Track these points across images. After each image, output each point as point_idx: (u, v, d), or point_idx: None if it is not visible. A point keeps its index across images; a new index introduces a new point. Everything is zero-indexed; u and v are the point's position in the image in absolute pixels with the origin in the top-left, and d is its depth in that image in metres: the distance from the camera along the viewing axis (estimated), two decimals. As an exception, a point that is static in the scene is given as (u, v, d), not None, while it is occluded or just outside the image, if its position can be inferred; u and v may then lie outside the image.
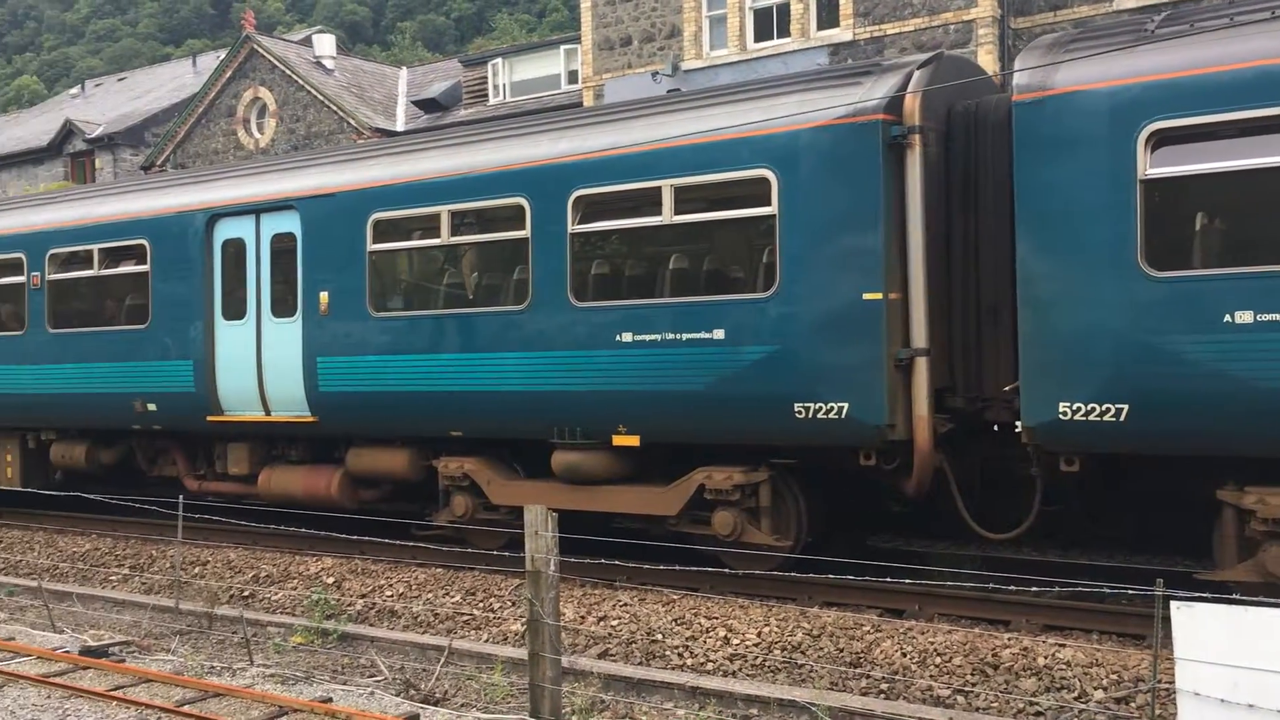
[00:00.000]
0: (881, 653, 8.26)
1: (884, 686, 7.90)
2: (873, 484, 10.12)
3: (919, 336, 9.00)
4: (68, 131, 39.55)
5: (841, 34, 21.28)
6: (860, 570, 9.71)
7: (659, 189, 9.88)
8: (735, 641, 8.82)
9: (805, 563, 9.98)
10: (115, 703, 7.92)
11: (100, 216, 14.26)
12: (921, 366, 8.97)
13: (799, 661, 8.38)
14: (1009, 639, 8.29)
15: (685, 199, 9.85)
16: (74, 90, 53.36)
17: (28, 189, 37.93)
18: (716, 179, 9.65)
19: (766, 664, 8.46)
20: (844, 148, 9.05)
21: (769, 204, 9.38)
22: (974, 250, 9.23)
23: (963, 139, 9.28)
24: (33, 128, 44.35)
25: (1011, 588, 8.81)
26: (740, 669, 8.50)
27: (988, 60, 19.23)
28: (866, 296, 8.93)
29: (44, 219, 14.97)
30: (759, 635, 8.82)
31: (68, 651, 9.37)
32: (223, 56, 36.53)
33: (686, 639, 8.99)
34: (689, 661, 8.73)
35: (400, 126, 30.60)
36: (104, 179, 36.67)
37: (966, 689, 7.70)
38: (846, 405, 9.02)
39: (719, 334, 9.61)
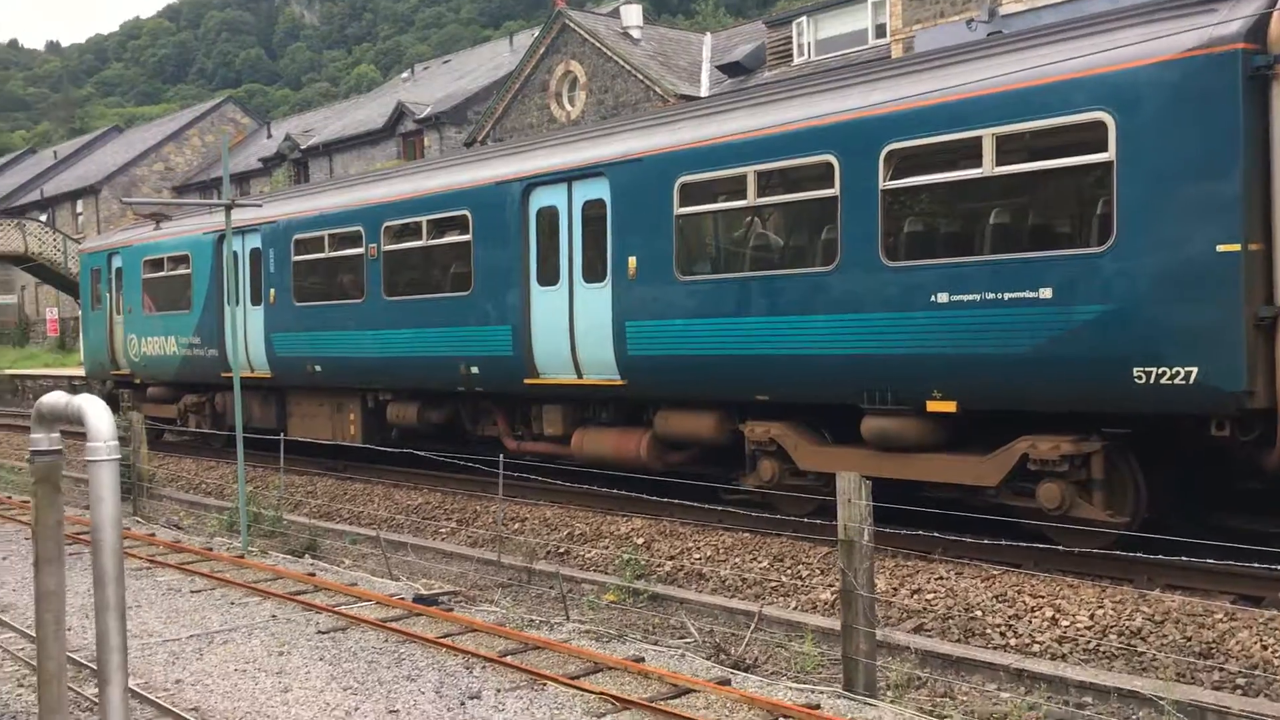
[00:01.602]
0: (1237, 644, 7.41)
1: (1241, 681, 7.09)
2: (1224, 457, 9.12)
3: (1285, 292, 7.95)
4: (400, 113, 42.46)
5: (1181, -37, 19.30)
6: (1207, 552, 8.80)
7: (979, 139, 9.24)
8: (1064, 623, 8.19)
9: (1143, 541, 9.13)
10: (445, 650, 8.33)
11: (427, 189, 15.07)
12: (1288, 326, 7.93)
13: (1138, 649, 7.67)
14: (1396, 638, 7.22)
15: (1008, 148, 9.16)
16: (405, 74, 57.31)
17: (366, 167, 41.12)
18: (1044, 125, 8.90)
19: (1101, 649, 7.80)
20: (1195, 83, 8.10)
21: (1105, 149, 8.55)
22: (1354, 193, 8.04)
23: (1342, 65, 8.07)
24: (370, 111, 47.99)
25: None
26: (1070, 653, 7.88)
27: (1362, -21, 16.85)
28: (1221, 248, 7.98)
29: (379, 194, 16.01)
30: (1091, 618, 8.15)
31: (402, 598, 9.98)
32: (537, 34, 37.99)
33: (1009, 618, 8.45)
34: (1012, 642, 8.19)
35: (704, 92, 30.71)
36: (431, 156, 39.14)
37: (1344, 692, 6.77)
38: (1196, 369, 8.12)
39: (1045, 292, 8.90)
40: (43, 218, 54.65)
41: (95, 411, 3.39)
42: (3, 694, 7.73)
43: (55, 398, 3.58)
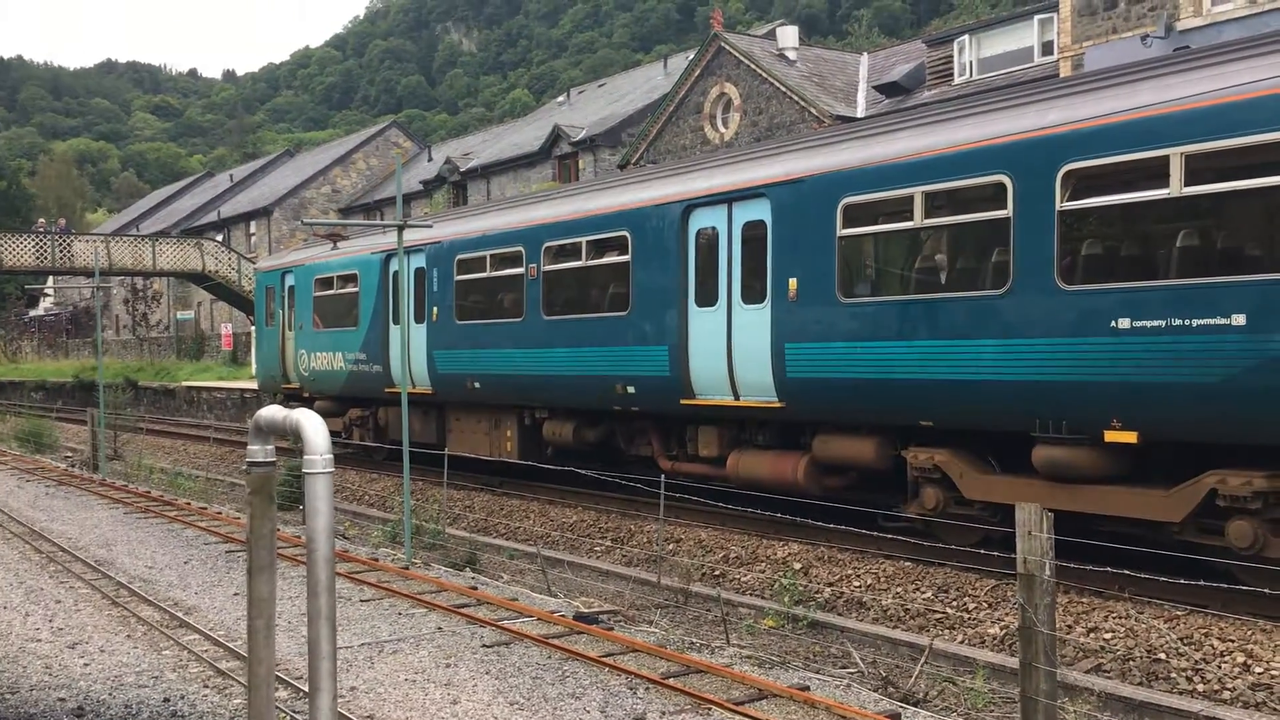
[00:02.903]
0: None
1: None
2: None
3: None
4: (556, 136, 43.27)
5: (1379, -28, 18.22)
6: None
7: (1166, 158, 8.85)
8: (1258, 670, 7.72)
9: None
10: (607, 669, 8.35)
11: (587, 211, 15.26)
12: None
13: (1343, 702, 7.16)
14: None
15: (1198, 168, 8.74)
16: (560, 98, 58.40)
17: (522, 189, 41.98)
18: (1239, 144, 8.45)
19: (1300, 700, 7.31)
20: None
21: (1307, 168, 8.07)
22: None
23: None
24: (526, 134, 49.04)
25: None
26: (1265, 701, 7.42)
27: None
28: None
29: (539, 215, 16.29)
30: (1289, 666, 7.66)
31: (563, 615, 10.06)
32: (690, 57, 38.21)
33: (1196, 661, 8.01)
34: (1200, 687, 7.76)
35: (860, 113, 30.36)
36: (585, 178, 39.73)
37: None
38: None
39: (1238, 319, 8.44)
40: (219, 238, 57.56)
41: (312, 426, 3.50)
42: (189, 694, 8.08)
43: (273, 412, 3.72)
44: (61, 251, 41.90)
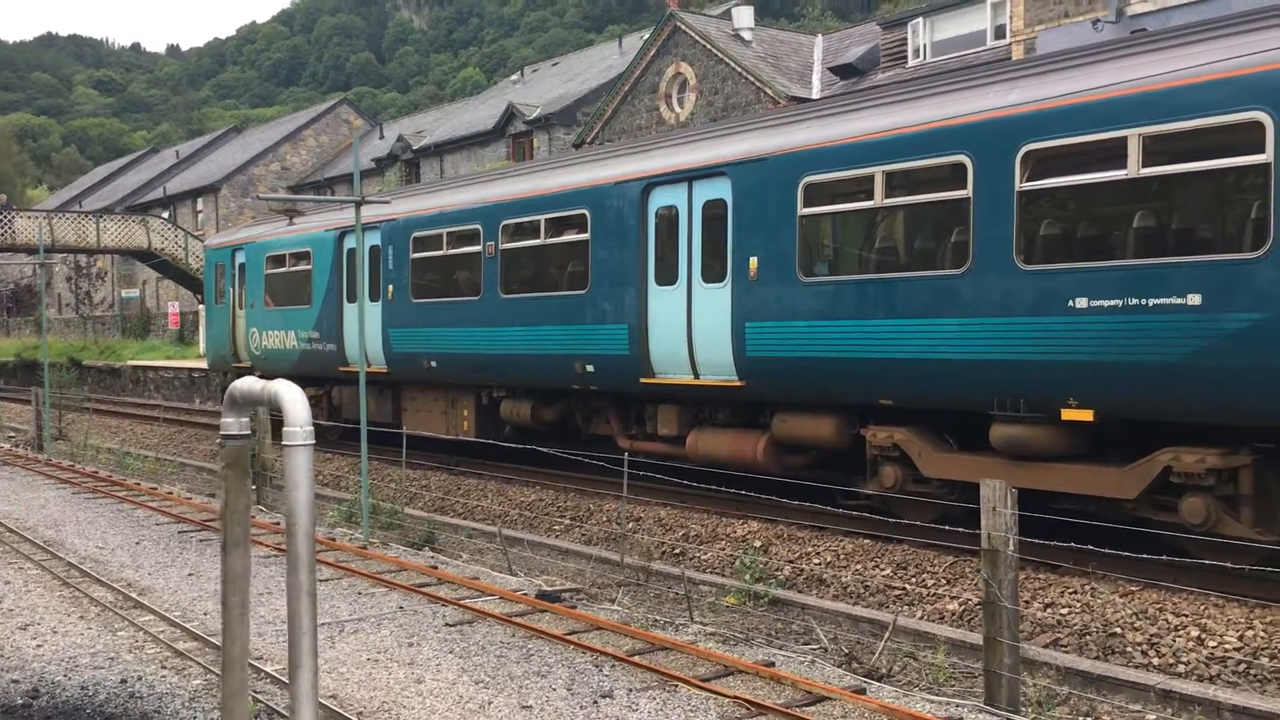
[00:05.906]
0: (1404, 673, 7.03)
1: None
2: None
3: None
4: (510, 114, 42.92)
5: (1326, -41, 18.48)
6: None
7: (1124, 139, 8.94)
8: (1211, 644, 7.87)
9: (1292, 561, 8.73)
10: (572, 647, 8.34)
11: (546, 189, 15.16)
12: None
13: (1294, 673, 7.32)
14: None
15: (1155, 150, 8.85)
16: (514, 77, 57.92)
17: (475, 168, 41.64)
18: (1195, 125, 8.56)
19: (1251, 672, 7.47)
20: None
21: (1261, 151, 8.19)
22: None
23: None
24: (479, 113, 48.60)
25: None
26: (1219, 675, 7.57)
27: None
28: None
29: (497, 192, 16.16)
30: (1240, 639, 7.82)
31: (525, 594, 10.02)
32: (645, 37, 38.05)
33: (1150, 635, 8.15)
34: (1155, 661, 7.90)
35: (815, 94, 30.42)
36: (540, 157, 39.47)
37: None
38: (1360, 382, 7.72)
39: (1193, 299, 8.57)
40: (165, 215, 56.55)
41: (291, 397, 3.43)
42: (147, 675, 7.96)
43: (249, 383, 3.63)
44: (2, 228, 40.93)
